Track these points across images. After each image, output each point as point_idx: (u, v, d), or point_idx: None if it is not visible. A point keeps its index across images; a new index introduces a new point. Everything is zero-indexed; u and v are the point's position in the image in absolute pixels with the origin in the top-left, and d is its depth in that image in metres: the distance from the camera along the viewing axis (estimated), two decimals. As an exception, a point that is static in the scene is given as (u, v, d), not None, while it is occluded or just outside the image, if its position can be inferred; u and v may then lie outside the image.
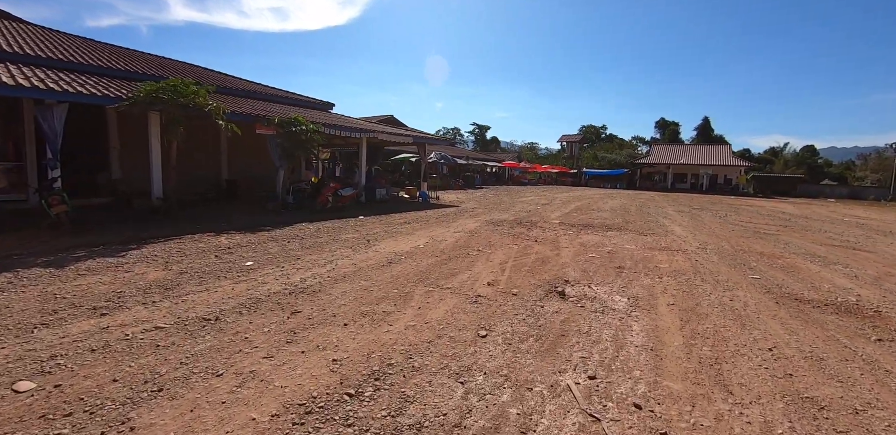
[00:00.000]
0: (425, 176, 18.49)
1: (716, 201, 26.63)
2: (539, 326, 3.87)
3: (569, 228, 10.96)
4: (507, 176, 45.47)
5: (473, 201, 18.33)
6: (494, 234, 9.28)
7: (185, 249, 6.68)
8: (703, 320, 4.25)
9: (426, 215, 12.36)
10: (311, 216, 11.01)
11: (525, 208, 15.82)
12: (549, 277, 5.64)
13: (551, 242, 8.40)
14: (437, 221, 11.21)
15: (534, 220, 12.26)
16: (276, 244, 7.29)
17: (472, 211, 14.14)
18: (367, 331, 3.61)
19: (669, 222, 13.27)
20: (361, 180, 15.48)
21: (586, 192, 32.29)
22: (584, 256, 7.17)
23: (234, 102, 12.86)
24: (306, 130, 11.71)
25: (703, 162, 44.21)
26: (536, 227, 10.85)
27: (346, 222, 10.29)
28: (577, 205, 18.72)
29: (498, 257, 6.75)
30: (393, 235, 8.55)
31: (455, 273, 5.68)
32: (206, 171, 15.13)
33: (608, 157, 53.59)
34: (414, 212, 13.11)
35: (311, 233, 8.56)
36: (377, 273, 5.54)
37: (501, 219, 12.12)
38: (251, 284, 4.93)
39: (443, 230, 9.50)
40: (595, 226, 11.52)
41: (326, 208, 12.07)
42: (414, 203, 16.39)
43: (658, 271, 6.30)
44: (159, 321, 3.76)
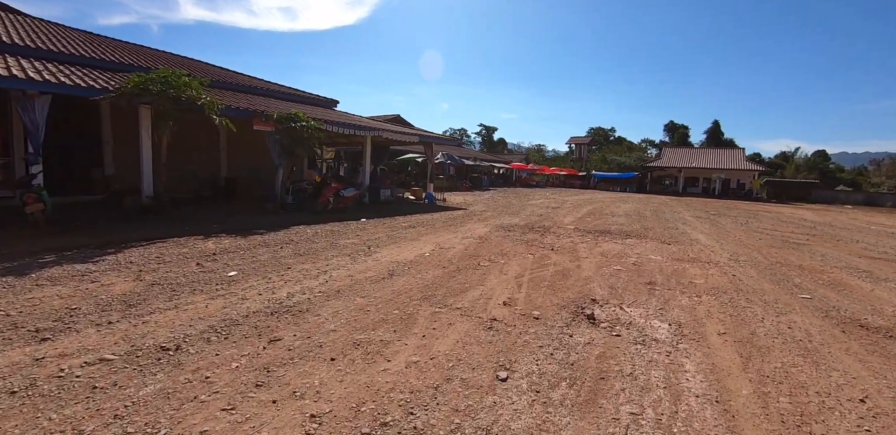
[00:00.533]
0: (432, 177, 17.81)
1: (731, 206, 25.72)
2: (571, 363, 3.15)
3: (585, 234, 10.22)
4: (514, 178, 44.70)
5: (481, 204, 17.61)
6: (506, 240, 8.56)
7: (165, 255, 6.03)
8: (766, 356, 3.52)
9: (432, 219, 11.67)
10: (310, 218, 10.35)
11: (536, 212, 15.08)
12: (574, 295, 4.92)
13: (569, 252, 7.67)
14: (444, 225, 10.51)
15: (546, 225, 11.53)
16: (268, 250, 6.62)
17: (481, 214, 13.42)
18: (360, 369, 2.91)
19: (690, 229, 12.49)
20: (365, 181, 14.82)
21: (596, 195, 31.46)
22: (607, 268, 6.43)
23: (232, 97, 12.25)
24: (307, 127, 11.06)
25: (716, 166, 43.19)
26: (550, 233, 10.12)
27: (347, 225, 9.62)
28: (590, 209, 17.96)
29: (512, 269, 6.03)
30: (396, 241, 7.86)
31: (465, 289, 4.97)
32: (203, 169, 14.55)
33: (618, 159, 52.69)
34: (419, 214, 12.42)
35: (308, 237, 7.89)
36: (376, 288, 4.85)
37: (512, 223, 11.40)
38: (229, 299, 4.25)
39: (450, 236, 8.80)
40: (613, 232, 10.78)
41: (327, 210, 11.41)
42: (419, 205, 15.71)
43: (695, 288, 5.56)
44: (108, 350, 3.08)
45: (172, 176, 13.63)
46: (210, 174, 14.78)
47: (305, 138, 11.17)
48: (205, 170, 14.60)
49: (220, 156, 15.07)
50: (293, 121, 10.92)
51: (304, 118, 11.19)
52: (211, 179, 14.76)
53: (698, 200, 31.00)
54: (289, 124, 10.84)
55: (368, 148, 14.84)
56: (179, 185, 13.65)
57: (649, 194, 37.78)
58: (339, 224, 9.75)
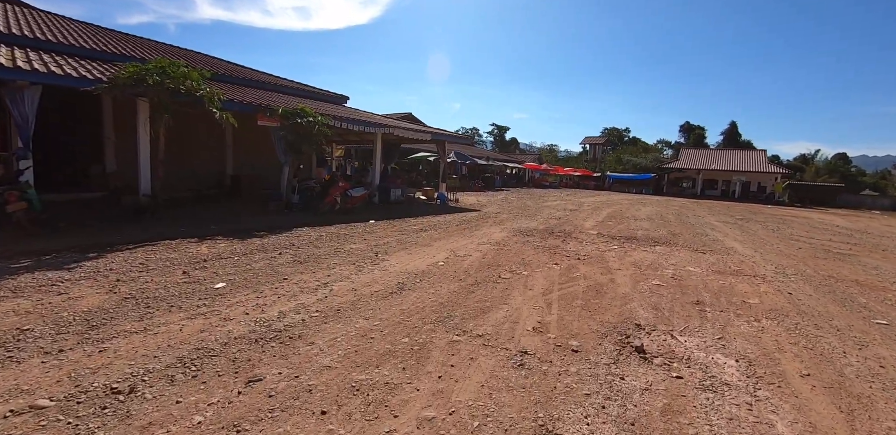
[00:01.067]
0: (444, 176, 17.13)
1: (755, 211, 24.62)
2: (631, 423, 2.44)
3: (610, 240, 9.46)
4: (527, 178, 43.83)
5: (495, 205, 16.88)
6: (526, 247, 7.85)
7: (151, 261, 5.43)
8: (871, 410, 2.77)
9: (445, 221, 10.98)
10: (315, 219, 9.74)
11: (553, 215, 14.31)
12: (614, 318, 4.20)
13: (598, 261, 6.93)
14: (458, 228, 9.82)
15: (567, 229, 10.78)
16: (265, 256, 6.00)
17: (496, 216, 12.71)
18: (357, 430, 2.24)
19: (721, 236, 11.64)
20: (375, 180, 14.19)
21: (613, 196, 30.51)
22: (645, 283, 5.69)
23: (237, 92, 11.70)
24: (313, 123, 10.45)
25: (736, 168, 41.87)
26: (572, 238, 9.38)
27: (354, 228, 8.98)
28: (609, 211, 17.13)
29: (538, 283, 5.33)
30: (406, 247, 7.19)
31: (487, 308, 4.27)
32: (208, 167, 14.05)
33: (633, 160, 51.45)
34: (431, 216, 11.75)
35: (311, 241, 7.26)
36: (383, 306, 4.18)
37: (530, 227, 10.67)
38: (210, 320, 3.61)
39: (465, 241, 8.11)
40: (639, 239, 9.99)
41: (334, 210, 10.79)
42: (431, 206, 15.04)
43: (750, 310, 4.80)
44: (46, 392, 2.46)
45: (175, 174, 13.16)
46: (215, 172, 14.28)
47: (312, 135, 10.56)
48: (209, 168, 14.10)
49: (225, 153, 14.55)
50: (299, 116, 10.31)
51: (311, 113, 10.58)
52: (216, 178, 14.25)
53: (719, 204, 29.88)
54: (295, 120, 10.24)
55: (379, 146, 14.20)
56: (182, 183, 13.16)
57: (667, 196, 36.67)
58: (345, 226, 9.12)
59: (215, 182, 14.16)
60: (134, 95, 8.38)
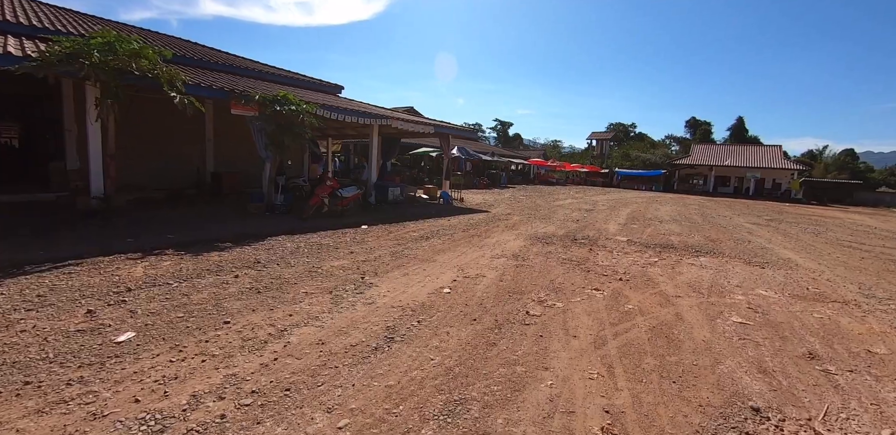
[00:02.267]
0: (448, 173, 15.66)
1: (777, 210, 23.06)
2: None
3: (644, 249, 8.01)
4: (532, 174, 42.29)
5: (504, 205, 15.41)
6: (551, 261, 6.39)
7: (56, 290, 4.01)
8: None
9: (450, 225, 9.53)
10: (298, 224, 8.32)
11: (570, 216, 12.84)
12: (715, 396, 2.74)
13: (645, 283, 5.47)
14: (466, 235, 8.37)
15: (591, 235, 9.31)
16: (215, 281, 4.56)
17: (507, 218, 11.25)
18: None
19: (764, 241, 10.16)
20: (371, 177, 12.73)
21: (625, 194, 28.97)
22: (722, 320, 4.22)
23: (210, 77, 10.22)
24: (297, 112, 8.97)
25: (750, 164, 40.20)
26: (600, 247, 7.93)
27: (342, 236, 7.54)
28: (628, 212, 15.63)
29: (582, 323, 3.88)
30: (402, 264, 5.74)
31: (519, 380, 2.82)
32: (185, 163, 12.61)
33: (642, 156, 49.80)
34: (434, 219, 10.29)
35: (283, 256, 5.82)
36: (359, 379, 2.73)
37: (548, 233, 9.21)
38: (67, 421, 2.18)
39: (475, 253, 6.66)
40: (677, 247, 8.53)
41: (321, 213, 9.35)
42: (434, 206, 13.58)
43: (886, 367, 3.34)
44: None
45: (145, 171, 11.76)
46: (193, 169, 12.85)
47: (296, 126, 9.09)
48: (187, 164, 12.67)
49: (206, 147, 13.11)
50: (280, 104, 8.84)
51: (295, 101, 9.10)
52: (194, 175, 12.83)
53: (736, 202, 28.30)
54: (275, 108, 8.76)
55: (375, 139, 12.73)
56: (155, 181, 11.76)
57: (678, 194, 35.08)
58: (332, 233, 7.68)
59: (194, 180, 12.75)
60: (70, 75, 6.92)
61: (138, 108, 10.69)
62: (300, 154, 15.23)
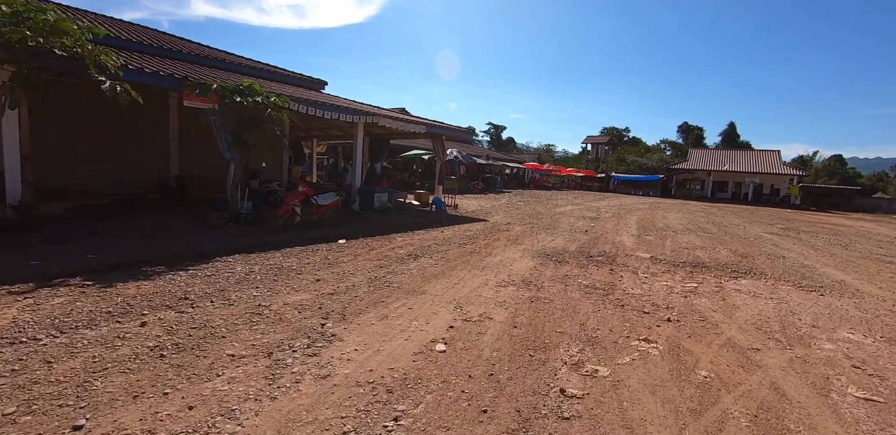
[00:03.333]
0: (441, 177, 14.33)
1: (783, 216, 22.04)
2: None
3: (673, 268, 6.76)
4: (527, 179, 41.14)
5: (502, 212, 14.10)
6: (572, 289, 5.08)
7: None
8: None
9: (444, 238, 8.18)
10: (263, 239, 6.94)
11: (575, 225, 11.57)
12: None
13: (699, 324, 4.17)
14: (462, 251, 7.03)
15: (606, 250, 8.04)
16: (108, 332, 3.18)
17: (508, 229, 9.94)
18: None
19: (798, 256, 8.97)
20: (355, 182, 11.36)
21: (624, 200, 27.84)
22: (840, 397, 2.92)
23: (168, 65, 8.82)
24: (264, 104, 7.61)
25: (749, 169, 39.44)
26: (621, 266, 6.66)
27: (311, 254, 6.17)
28: (636, 220, 14.41)
29: (650, 417, 2.55)
30: (382, 298, 4.38)
31: None
32: (145, 165, 11.16)
33: (638, 161, 48.97)
34: (425, 231, 8.95)
35: (225, 286, 4.43)
36: None
37: (558, 248, 7.91)
38: None
39: (476, 280, 5.32)
40: (707, 264, 7.29)
41: (293, 224, 7.96)
42: (425, 214, 12.24)
43: None
44: None
45: (97, 175, 10.31)
46: (154, 172, 11.40)
47: (263, 121, 7.72)
48: (147, 166, 11.21)
49: (169, 147, 11.66)
50: (244, 95, 7.47)
51: (262, 92, 7.74)
52: (156, 179, 11.39)
53: (738, 208, 27.28)
54: (235, 99, 7.38)
55: (360, 139, 11.38)
56: (109, 186, 10.31)
57: (677, 199, 34.07)
58: (299, 251, 6.30)
59: (155, 184, 11.30)
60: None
61: (86, 101, 9.29)
62: (278, 155, 13.83)
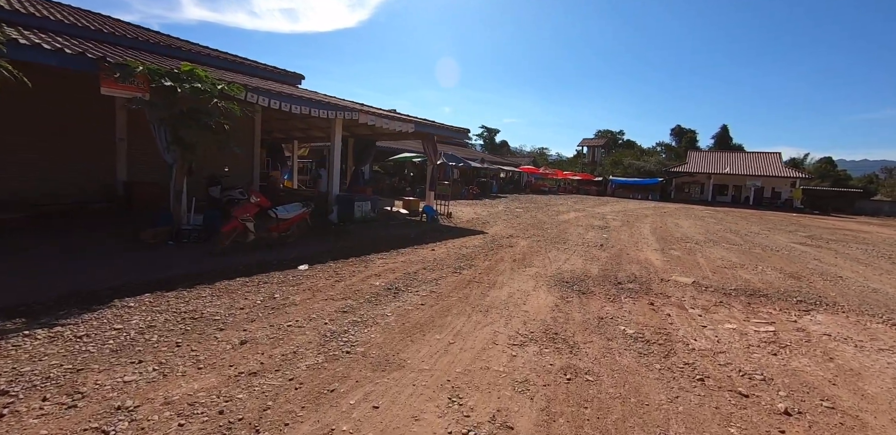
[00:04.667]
0: (433, 182, 12.77)
1: (794, 222, 20.71)
2: None
3: (726, 300, 5.27)
4: (523, 183, 39.71)
5: (501, 221, 12.56)
6: (617, 349, 3.53)
7: None
8: None
9: (434, 259, 6.61)
10: (201, 263, 5.35)
11: (586, 237, 10.05)
12: None
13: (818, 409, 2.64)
14: (458, 280, 5.46)
15: (634, 272, 6.52)
16: None
17: (511, 244, 8.40)
18: None
19: (853, 274, 7.57)
20: (332, 189, 9.77)
21: (625, 204, 26.45)
22: None
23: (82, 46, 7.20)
24: (207, 93, 6.02)
25: (750, 172, 38.34)
26: (661, 297, 5.15)
27: (253, 290, 4.56)
28: (648, 229, 12.94)
29: None
30: (333, 380, 2.79)
31: None
32: (83, 170, 9.50)
33: (636, 164, 47.74)
34: (412, 248, 7.37)
35: (90, 362, 2.81)
36: None
37: (577, 271, 6.37)
38: None
39: (480, 333, 3.75)
40: (764, 292, 5.82)
41: (245, 243, 6.35)
42: (414, 224, 10.67)
43: None
44: None
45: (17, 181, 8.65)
46: (96, 178, 9.74)
47: (204, 113, 6.12)
48: (86, 172, 9.56)
49: (117, 149, 10.00)
50: (178, 80, 5.88)
51: (206, 78, 6.15)
52: (98, 186, 9.74)
53: (744, 212, 25.96)
54: (162, 83, 5.77)
55: (337, 139, 9.80)
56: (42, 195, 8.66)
57: (677, 204, 32.78)
58: (239, 285, 4.70)
59: (98, 193, 9.66)
60: None
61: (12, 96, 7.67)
62: (249, 157, 12.19)
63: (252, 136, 12.00)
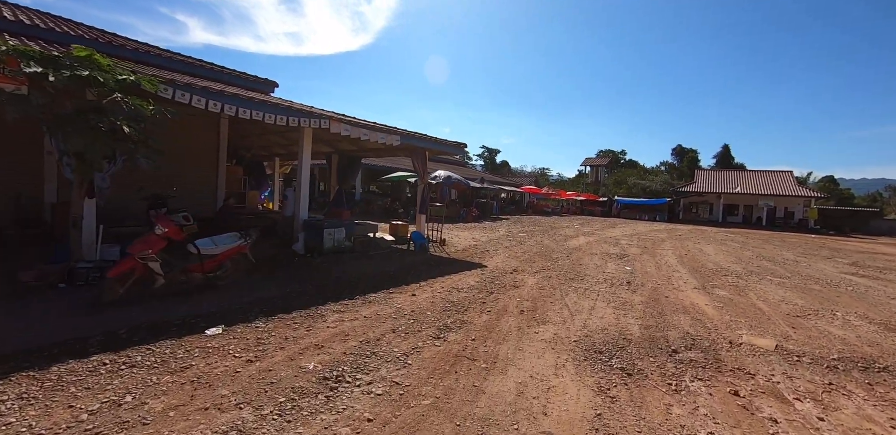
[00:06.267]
0: (424, 205, 11.07)
1: (820, 244, 18.86)
2: None
3: (838, 381, 3.47)
4: (525, 203, 38.10)
5: (502, 248, 10.79)
6: None
7: None
8: None
9: (412, 312, 4.84)
10: (78, 321, 3.59)
11: (606, 271, 8.27)
12: None
13: None
14: (439, 355, 3.67)
15: (688, 329, 4.73)
16: None
17: (515, 282, 6.62)
18: None
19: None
20: (299, 212, 8.07)
21: (635, 226, 24.68)
22: None
23: None
24: (105, 85, 4.41)
25: (762, 191, 36.75)
26: (744, 378, 3.36)
27: (99, 383, 2.78)
28: (674, 257, 11.14)
29: None
30: None
31: None
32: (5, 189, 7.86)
33: (641, 183, 46.30)
34: (385, 294, 5.58)
35: None
36: None
37: (608, 328, 4.58)
38: None
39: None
40: (888, 366, 4.00)
41: (154, 289, 4.61)
42: (399, 255, 8.93)
43: None
44: None
45: None
46: (18, 199, 8.10)
47: (96, 113, 4.48)
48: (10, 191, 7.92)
49: (42, 166, 8.38)
50: (62, 67, 4.27)
51: (107, 65, 4.56)
52: (18, 208, 8.09)
53: (761, 234, 24.13)
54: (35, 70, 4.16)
55: (307, 151, 8.17)
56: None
57: (687, 225, 31.02)
58: (88, 370, 2.93)
59: (12, 215, 8.00)
60: None
61: None
62: (211, 173, 10.50)
63: (216, 150, 10.41)
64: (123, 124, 4.34)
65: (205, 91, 5.82)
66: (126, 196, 8.41)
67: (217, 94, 6.00)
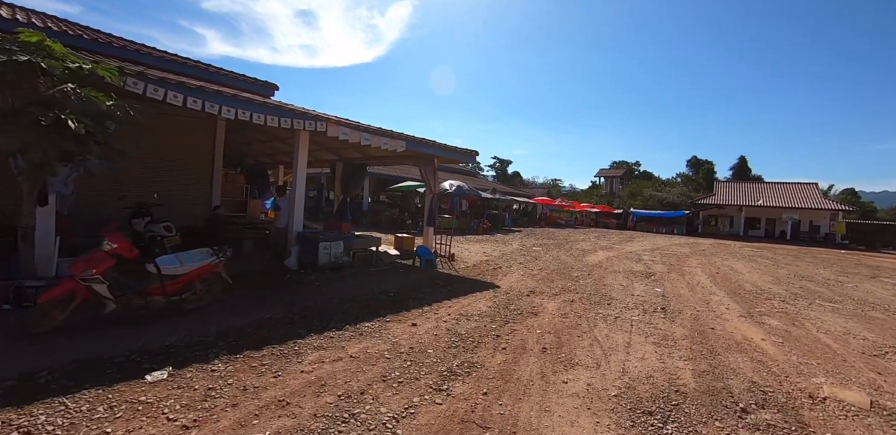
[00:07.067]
0: (431, 217, 10.27)
1: (856, 261, 17.52)
2: None
3: None
4: (538, 215, 37.12)
5: (516, 265, 9.90)
6: None
7: None
8: None
9: (408, 349, 4.00)
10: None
11: (634, 293, 7.34)
12: None
13: None
14: (436, 414, 2.83)
15: (752, 377, 3.80)
16: None
17: (533, 308, 5.75)
18: None
19: None
20: (292, 224, 7.34)
21: (654, 240, 23.53)
22: None
23: None
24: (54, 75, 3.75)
25: (786, 204, 35.29)
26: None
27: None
28: (706, 276, 10.12)
29: None
30: None
31: None
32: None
33: (657, 195, 45.02)
34: (380, 323, 4.75)
35: None
36: None
37: (656, 378, 3.67)
38: None
39: None
40: None
41: (103, 315, 3.87)
42: (403, 272, 8.11)
43: None
44: None
45: None
46: None
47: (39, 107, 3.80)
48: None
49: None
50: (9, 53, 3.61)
51: (60, 52, 3.90)
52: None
53: (789, 249, 22.78)
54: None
55: (302, 156, 7.47)
56: None
57: (707, 239, 29.70)
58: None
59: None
60: None
61: None
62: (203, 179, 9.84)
63: (210, 155, 9.77)
64: (69, 119, 3.63)
65: (181, 87, 5.14)
66: (105, 203, 7.79)
67: (198, 91, 5.32)
